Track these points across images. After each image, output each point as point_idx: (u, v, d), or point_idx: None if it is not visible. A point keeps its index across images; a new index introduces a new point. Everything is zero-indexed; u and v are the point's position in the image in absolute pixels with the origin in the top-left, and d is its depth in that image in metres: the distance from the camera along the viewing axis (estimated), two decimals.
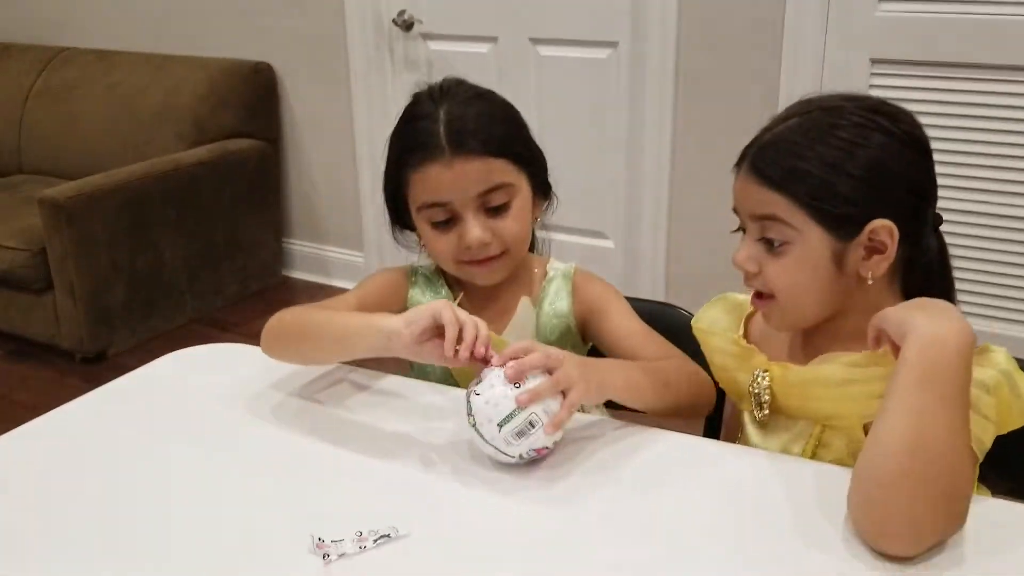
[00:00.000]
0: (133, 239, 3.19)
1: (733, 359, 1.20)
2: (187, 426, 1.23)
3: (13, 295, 3.20)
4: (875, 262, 1.05)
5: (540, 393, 1.03)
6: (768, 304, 1.11)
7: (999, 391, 0.99)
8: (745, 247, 1.10)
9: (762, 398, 1.14)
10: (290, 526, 0.99)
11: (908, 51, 2.50)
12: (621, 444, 1.14)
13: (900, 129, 1.04)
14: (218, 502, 1.05)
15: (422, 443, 1.15)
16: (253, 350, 1.39)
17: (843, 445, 1.09)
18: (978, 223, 2.54)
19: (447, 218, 1.26)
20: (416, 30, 3.29)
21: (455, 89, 1.30)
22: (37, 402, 2.96)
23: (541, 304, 1.37)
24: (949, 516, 0.90)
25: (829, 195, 1.02)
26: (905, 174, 1.05)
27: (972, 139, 2.49)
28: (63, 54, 3.97)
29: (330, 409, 1.25)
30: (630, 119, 3.01)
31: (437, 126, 1.23)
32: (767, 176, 1.05)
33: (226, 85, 3.53)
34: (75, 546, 0.98)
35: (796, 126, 1.06)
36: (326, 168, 3.70)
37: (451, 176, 1.23)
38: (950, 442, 0.90)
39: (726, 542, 0.96)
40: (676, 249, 3.02)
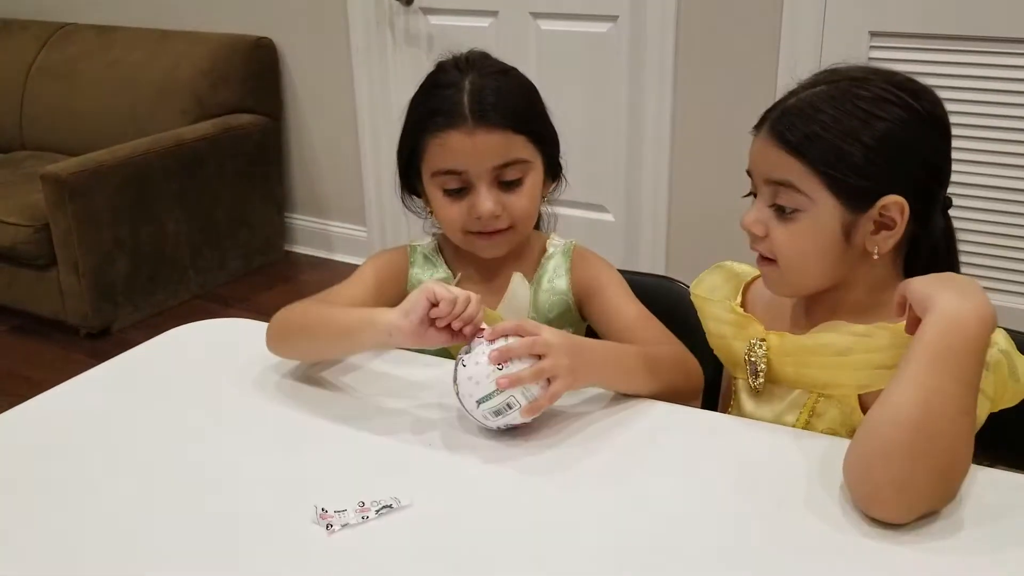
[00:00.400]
0: (136, 215, 3.20)
1: (730, 327, 1.21)
2: (189, 401, 1.24)
3: (17, 271, 3.21)
4: (883, 237, 1.05)
5: (521, 380, 1.05)
6: (770, 268, 1.12)
7: (999, 369, 1.01)
8: (755, 210, 1.10)
9: (758, 367, 1.15)
10: (292, 499, 1.01)
11: (907, 23, 2.50)
12: (615, 414, 1.16)
13: (922, 107, 1.04)
14: (221, 475, 1.07)
15: (420, 416, 1.17)
16: (255, 325, 1.41)
17: (836, 415, 1.10)
18: (978, 195, 2.54)
19: (460, 187, 1.27)
20: (416, 4, 3.29)
21: (481, 61, 1.30)
22: (42, 377, 2.97)
23: (540, 280, 1.37)
24: (943, 491, 0.92)
25: (845, 164, 1.02)
26: (921, 151, 1.05)
27: (971, 111, 2.49)
28: (64, 30, 3.97)
29: (331, 383, 1.27)
30: (630, 92, 3.01)
31: (462, 95, 1.24)
32: (786, 140, 1.05)
33: (227, 60, 3.53)
34: (80, 520, 1.00)
35: (823, 94, 1.05)
36: (328, 143, 3.71)
37: (471, 145, 1.24)
38: (957, 422, 0.91)
39: (718, 508, 0.97)
40: (676, 222, 3.03)
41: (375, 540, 0.94)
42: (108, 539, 0.97)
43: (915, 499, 0.91)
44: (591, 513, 0.98)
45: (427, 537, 0.95)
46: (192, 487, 1.05)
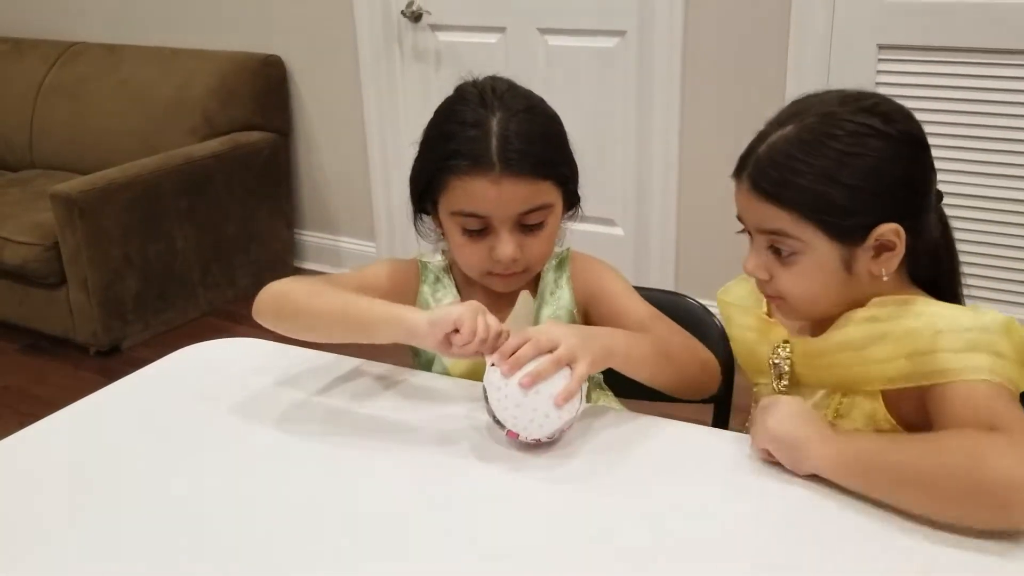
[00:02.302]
0: (145, 232, 3.20)
1: (754, 332, 1.23)
2: (199, 421, 1.24)
3: (27, 290, 3.22)
4: (886, 259, 1.07)
5: (541, 374, 1.05)
6: (781, 303, 1.14)
7: (1012, 333, 1.02)
8: (754, 255, 1.12)
9: (782, 369, 1.17)
10: (306, 518, 1.01)
11: (915, 36, 2.50)
12: (628, 431, 1.16)
13: (895, 129, 1.05)
14: (235, 497, 1.07)
15: (437, 432, 1.17)
16: (265, 344, 1.41)
17: (860, 414, 1.11)
18: (985, 207, 2.54)
19: (481, 227, 1.25)
20: (425, 21, 3.30)
21: (507, 97, 1.26)
22: (52, 396, 3.00)
23: (543, 295, 1.36)
24: None
25: (832, 208, 1.04)
26: (904, 174, 1.06)
27: (979, 123, 2.48)
28: (73, 48, 3.99)
29: (343, 402, 1.26)
30: (638, 107, 3.01)
31: (489, 139, 1.20)
32: (770, 193, 1.06)
33: (236, 78, 3.54)
34: (91, 539, 1.00)
35: (793, 137, 1.06)
36: (337, 159, 3.71)
37: (497, 193, 1.21)
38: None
39: (725, 525, 0.97)
40: (686, 236, 3.03)
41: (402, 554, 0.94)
42: (117, 560, 0.97)
43: None
44: (598, 523, 0.98)
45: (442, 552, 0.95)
46: (202, 509, 1.04)
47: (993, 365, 0.99)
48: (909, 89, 2.54)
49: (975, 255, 2.57)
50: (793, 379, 1.17)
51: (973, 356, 1.00)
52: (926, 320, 1.04)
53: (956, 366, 1.00)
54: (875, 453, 0.97)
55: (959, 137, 2.51)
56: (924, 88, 2.53)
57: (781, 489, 1.01)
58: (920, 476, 0.92)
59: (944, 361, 1.01)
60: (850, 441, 1.00)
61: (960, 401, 0.99)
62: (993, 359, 1.00)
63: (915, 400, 1.05)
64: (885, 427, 1.09)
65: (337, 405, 1.26)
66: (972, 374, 0.99)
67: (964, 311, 1.05)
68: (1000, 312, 1.03)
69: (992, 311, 1.04)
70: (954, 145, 2.53)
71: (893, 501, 0.94)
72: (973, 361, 1.00)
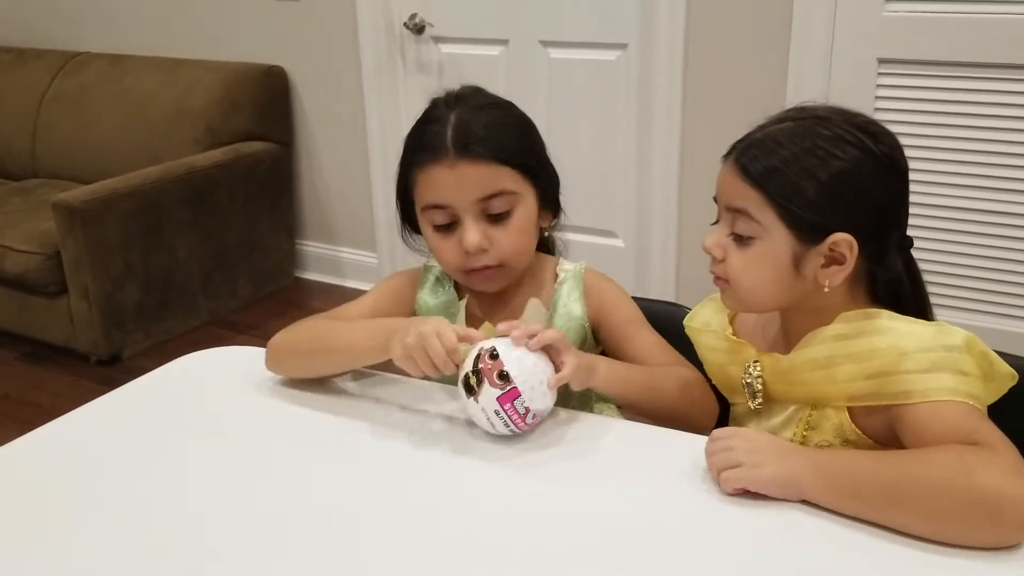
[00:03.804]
0: (147, 242, 3.21)
1: (724, 354, 1.25)
2: (199, 429, 1.24)
3: (28, 298, 3.23)
4: (833, 271, 1.09)
5: (546, 338, 1.12)
6: (725, 287, 1.16)
7: (973, 349, 1.03)
8: (716, 234, 1.15)
9: (755, 387, 1.18)
10: (305, 523, 1.01)
11: (915, 51, 2.51)
12: (611, 438, 1.18)
13: (879, 149, 1.07)
14: (232, 505, 1.07)
15: (429, 438, 1.18)
16: (263, 352, 1.41)
17: (830, 427, 1.13)
18: (986, 221, 2.54)
19: (448, 222, 1.27)
20: (427, 33, 3.31)
21: (470, 96, 1.30)
22: (53, 404, 3.00)
23: (555, 306, 1.37)
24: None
25: (798, 198, 1.06)
26: (873, 193, 1.08)
27: (978, 137, 2.49)
28: (77, 58, 4.01)
29: (342, 410, 1.27)
30: (639, 119, 3.02)
31: (445, 128, 1.24)
32: (747, 171, 1.09)
33: (239, 88, 3.56)
34: (91, 547, 1.00)
35: (787, 129, 1.09)
36: (339, 170, 3.72)
37: (453, 178, 1.23)
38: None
39: (699, 521, 0.99)
40: (686, 248, 3.04)
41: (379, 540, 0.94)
42: (116, 567, 0.97)
43: None
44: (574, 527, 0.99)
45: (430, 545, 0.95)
46: (199, 517, 1.05)
47: (957, 384, 1.01)
48: (908, 103, 2.55)
49: (976, 268, 2.59)
50: (766, 396, 1.18)
51: (936, 376, 1.01)
52: (890, 340, 1.05)
53: (920, 387, 1.02)
54: (866, 474, 0.97)
55: (958, 151, 2.52)
56: (923, 102, 2.54)
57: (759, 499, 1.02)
58: (912, 494, 0.93)
59: (907, 383, 1.02)
60: (835, 464, 1.00)
61: (932, 421, 1.00)
62: (957, 378, 1.01)
63: (880, 414, 1.07)
64: (852, 438, 1.11)
65: (334, 412, 1.26)
66: (936, 395, 1.01)
67: (927, 328, 1.06)
68: (964, 328, 1.05)
69: (955, 328, 1.05)
70: (953, 159, 2.54)
71: (885, 520, 0.95)
72: (937, 382, 1.01)
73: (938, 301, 2.55)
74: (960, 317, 2.60)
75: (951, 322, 1.07)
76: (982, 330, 2.50)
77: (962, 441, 0.96)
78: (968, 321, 2.60)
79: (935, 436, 0.99)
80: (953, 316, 2.60)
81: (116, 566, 0.97)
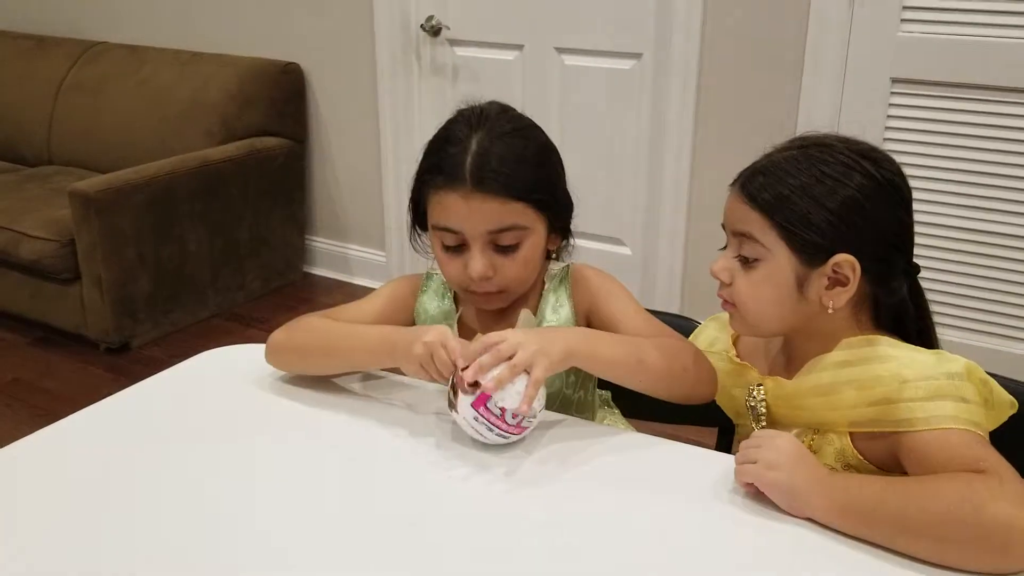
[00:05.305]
0: (160, 233, 3.24)
1: (728, 376, 1.26)
2: (210, 429, 1.25)
3: (41, 284, 3.26)
4: (836, 293, 1.11)
5: (501, 380, 1.10)
6: (732, 311, 1.19)
7: (972, 376, 1.05)
8: (723, 259, 1.18)
9: (759, 411, 1.20)
10: (324, 522, 1.03)
11: (929, 71, 2.52)
12: (610, 446, 1.20)
13: (881, 175, 1.10)
14: (246, 501, 1.09)
15: (442, 443, 1.20)
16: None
17: (831, 451, 1.14)
18: (996, 243, 2.56)
19: (457, 244, 1.28)
20: (443, 36, 3.34)
21: (494, 119, 1.28)
22: (62, 390, 3.03)
23: (543, 313, 1.37)
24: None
25: (801, 221, 1.09)
26: (877, 218, 1.10)
27: (990, 160, 2.51)
28: (95, 48, 4.04)
29: (353, 410, 1.29)
30: (651, 129, 3.04)
31: (465, 156, 1.23)
32: (751, 196, 1.12)
33: (255, 84, 3.58)
34: (109, 541, 1.02)
35: (789, 156, 1.13)
36: (351, 168, 3.75)
37: (466, 209, 1.24)
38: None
39: (705, 535, 1.01)
40: (693, 259, 3.06)
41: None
42: (134, 561, 0.98)
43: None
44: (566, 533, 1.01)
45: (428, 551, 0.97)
46: (208, 516, 1.06)
47: (957, 412, 1.02)
48: (920, 123, 2.57)
49: (987, 290, 2.60)
50: (770, 419, 1.20)
51: (938, 404, 1.03)
52: (892, 368, 1.07)
53: (921, 415, 1.03)
54: (874, 500, 0.98)
55: (969, 172, 2.54)
56: (935, 123, 2.56)
57: (753, 511, 1.04)
58: (920, 522, 0.94)
59: (909, 410, 1.04)
60: (847, 487, 1.01)
61: (935, 448, 1.01)
62: (958, 406, 1.02)
63: (882, 440, 1.08)
64: (854, 463, 1.12)
65: (347, 411, 1.28)
66: (938, 423, 1.02)
67: (928, 356, 1.08)
68: (975, 350, 1.07)
69: (956, 356, 1.07)
70: (964, 180, 2.55)
71: (892, 546, 0.96)
72: (938, 410, 1.02)
73: (949, 322, 2.60)
74: (971, 339, 2.62)
75: (962, 344, 1.09)
76: (992, 352, 2.54)
77: (968, 469, 0.97)
78: (979, 343, 2.61)
79: (939, 464, 1.00)
80: (964, 338, 2.62)
81: (134, 558, 0.98)
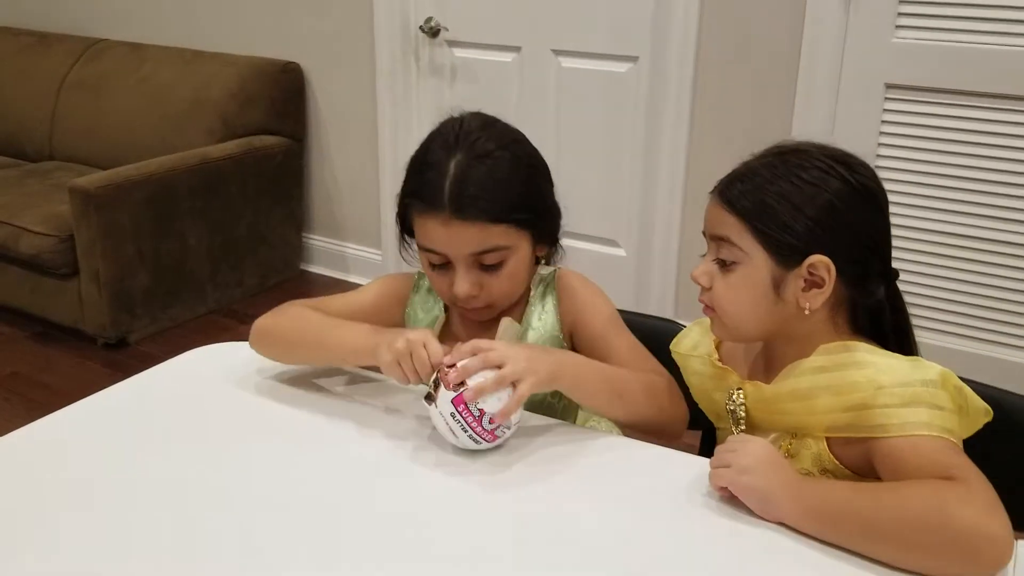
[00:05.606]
0: (158, 229, 3.26)
1: (710, 379, 1.28)
2: (197, 426, 1.26)
3: (40, 279, 3.28)
4: (812, 295, 1.12)
5: (484, 389, 1.10)
6: (712, 315, 1.20)
7: (947, 384, 1.06)
8: (703, 264, 1.20)
9: (738, 415, 1.21)
10: (303, 518, 1.05)
11: (923, 77, 2.54)
12: (587, 448, 1.21)
13: (856, 179, 1.12)
14: (227, 497, 1.10)
15: (425, 445, 1.21)
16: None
17: (808, 455, 1.15)
18: (992, 250, 2.57)
19: (443, 263, 1.28)
20: (442, 37, 3.36)
21: (474, 137, 1.27)
22: (59, 384, 3.05)
23: (529, 320, 1.37)
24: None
25: (776, 224, 1.11)
26: (852, 221, 1.12)
27: (982, 167, 2.53)
28: (98, 45, 4.06)
29: (338, 410, 1.30)
30: (647, 132, 3.06)
31: (444, 181, 1.23)
32: (729, 201, 1.15)
33: (255, 83, 3.60)
34: (98, 534, 1.03)
35: (767, 163, 1.15)
36: (349, 167, 3.77)
37: (447, 234, 1.24)
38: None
39: (680, 539, 1.03)
40: (687, 261, 3.07)
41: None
42: (126, 556, 1.00)
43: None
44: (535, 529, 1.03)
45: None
46: (190, 512, 1.07)
47: (931, 419, 1.03)
48: (914, 129, 2.59)
49: (977, 296, 2.61)
50: (749, 423, 1.21)
51: (912, 411, 1.04)
52: (868, 374, 1.08)
53: (896, 421, 1.04)
54: (844, 505, 1.00)
55: (961, 179, 2.56)
56: (929, 128, 2.57)
57: (726, 515, 1.06)
58: (889, 528, 0.96)
59: (884, 416, 1.05)
60: (818, 492, 1.02)
61: (908, 454, 1.03)
62: (932, 412, 1.04)
63: (858, 446, 1.10)
64: (830, 468, 1.13)
65: (335, 407, 1.30)
66: (912, 429, 1.03)
67: (904, 363, 1.09)
68: (965, 355, 1.08)
69: (931, 363, 1.08)
70: (955, 186, 2.57)
71: (861, 551, 0.97)
72: (913, 416, 1.04)
73: (940, 328, 2.62)
74: (962, 344, 2.63)
75: (953, 350, 1.10)
76: (982, 358, 2.55)
77: (939, 475, 0.98)
78: (969, 349, 2.62)
79: (912, 470, 1.01)
80: (955, 343, 2.63)
81: (126, 552, 1.00)
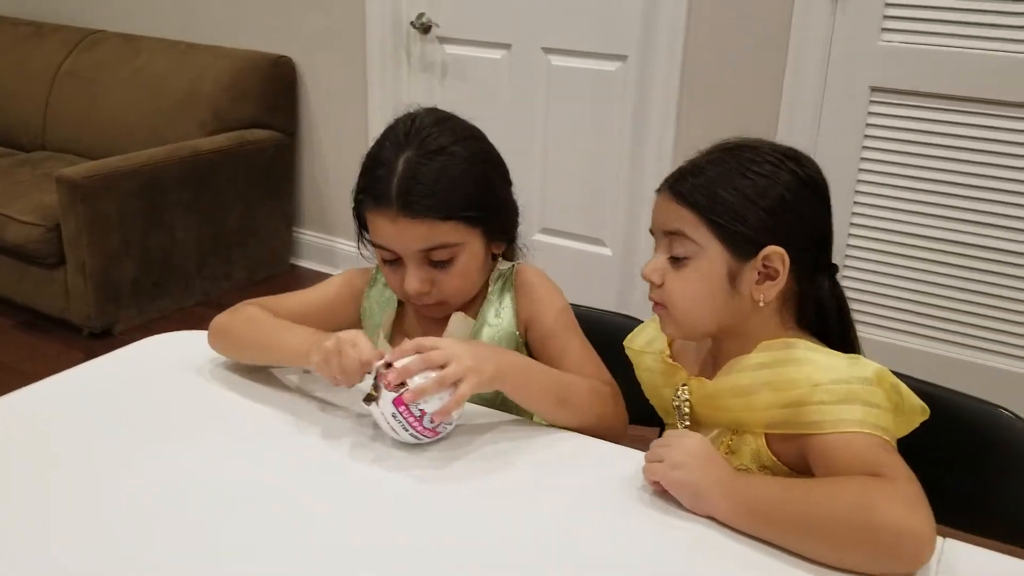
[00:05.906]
0: (147, 221, 3.26)
1: (660, 376, 1.28)
2: (152, 414, 1.26)
3: (26, 268, 3.29)
4: (767, 286, 1.12)
5: (424, 391, 1.10)
6: (663, 313, 1.19)
7: (883, 382, 1.07)
8: (653, 261, 1.18)
9: (683, 410, 1.22)
10: (259, 504, 1.06)
11: (908, 81, 2.55)
12: (529, 442, 1.21)
13: (805, 173, 1.13)
14: (173, 484, 1.09)
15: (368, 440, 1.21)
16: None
17: (748, 451, 1.16)
18: (974, 255, 2.58)
19: (394, 259, 1.29)
20: (433, 33, 3.36)
21: (425, 134, 1.26)
22: (42, 373, 2.99)
23: (484, 315, 1.36)
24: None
25: (732, 216, 1.11)
26: (802, 213, 1.12)
27: (965, 171, 2.53)
28: (92, 36, 4.07)
29: (291, 400, 1.30)
30: (634, 131, 3.07)
31: (392, 178, 1.23)
32: (680, 194, 1.14)
33: (248, 76, 3.61)
34: (38, 522, 1.03)
35: (717, 159, 1.15)
36: (339, 162, 3.78)
37: (395, 231, 1.24)
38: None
39: (609, 533, 1.03)
40: None
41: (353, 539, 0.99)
42: (76, 540, 1.00)
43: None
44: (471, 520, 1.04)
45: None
46: (139, 500, 1.07)
47: (865, 416, 1.04)
48: (898, 132, 2.59)
49: (963, 302, 2.62)
50: (693, 419, 1.22)
51: (846, 408, 1.04)
52: (806, 371, 1.09)
53: (830, 418, 1.05)
54: (774, 501, 1.01)
55: (944, 183, 2.56)
56: (913, 132, 2.58)
57: (657, 508, 1.06)
58: (817, 524, 0.97)
59: (818, 413, 1.06)
60: (749, 488, 1.03)
61: (840, 451, 1.03)
62: (866, 410, 1.04)
63: (794, 442, 1.10)
64: (768, 464, 1.14)
65: (290, 403, 1.30)
66: (845, 426, 1.04)
67: (842, 360, 1.09)
68: (877, 362, 1.08)
69: (869, 361, 1.08)
70: (938, 190, 2.57)
71: (790, 547, 0.98)
72: (846, 414, 1.04)
73: (918, 331, 2.61)
74: (940, 348, 2.64)
75: (930, 352, 1.10)
76: (959, 362, 2.55)
77: (868, 472, 0.99)
78: (948, 353, 2.64)
79: (843, 466, 1.02)
80: (933, 347, 2.64)
81: (55, 551, 0.98)
